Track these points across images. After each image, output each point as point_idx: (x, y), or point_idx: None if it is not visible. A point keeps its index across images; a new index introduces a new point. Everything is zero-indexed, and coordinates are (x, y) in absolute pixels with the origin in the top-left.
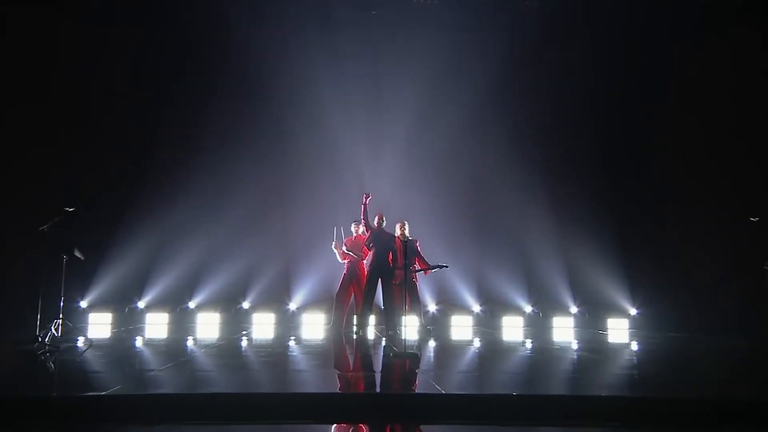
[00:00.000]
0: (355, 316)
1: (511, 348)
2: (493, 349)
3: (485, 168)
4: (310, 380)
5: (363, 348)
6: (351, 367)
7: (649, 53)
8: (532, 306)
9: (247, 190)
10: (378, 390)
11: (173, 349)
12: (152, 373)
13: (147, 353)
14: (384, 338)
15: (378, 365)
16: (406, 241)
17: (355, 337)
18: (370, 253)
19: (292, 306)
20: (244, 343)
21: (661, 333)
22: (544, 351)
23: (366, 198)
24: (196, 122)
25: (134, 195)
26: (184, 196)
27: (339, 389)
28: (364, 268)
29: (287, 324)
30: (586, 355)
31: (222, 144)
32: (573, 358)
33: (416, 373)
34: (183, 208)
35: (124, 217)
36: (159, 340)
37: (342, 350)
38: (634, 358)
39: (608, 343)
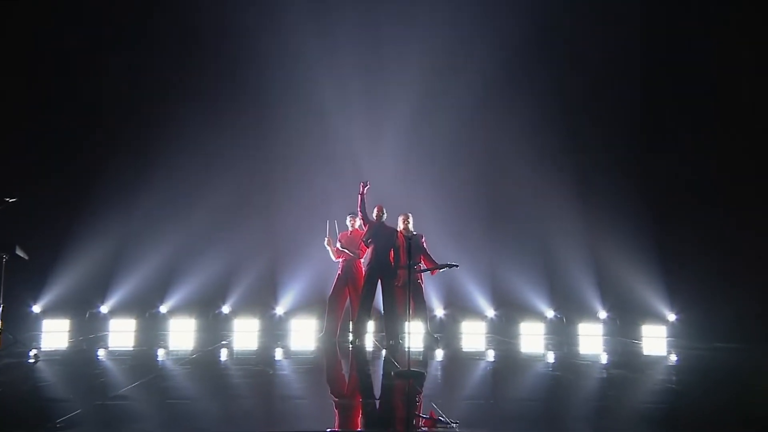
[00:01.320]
0: (350, 323)
1: (530, 362)
2: (509, 364)
3: (501, 153)
4: (297, 411)
5: (360, 362)
6: (345, 390)
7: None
8: (554, 311)
9: (226, 178)
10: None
11: (140, 364)
12: (111, 398)
13: (108, 369)
14: (384, 349)
15: (377, 387)
16: (409, 237)
17: (350, 347)
18: (369, 251)
19: (279, 311)
20: (224, 355)
21: (705, 343)
22: (569, 367)
23: (363, 187)
24: (165, 100)
25: (94, 184)
26: (152, 185)
27: (329, 430)
28: (361, 268)
29: (273, 331)
30: (619, 373)
31: (196, 124)
32: (603, 377)
33: (420, 400)
34: (152, 199)
35: (83, 210)
36: (124, 352)
37: (335, 366)
38: (678, 376)
39: (644, 355)
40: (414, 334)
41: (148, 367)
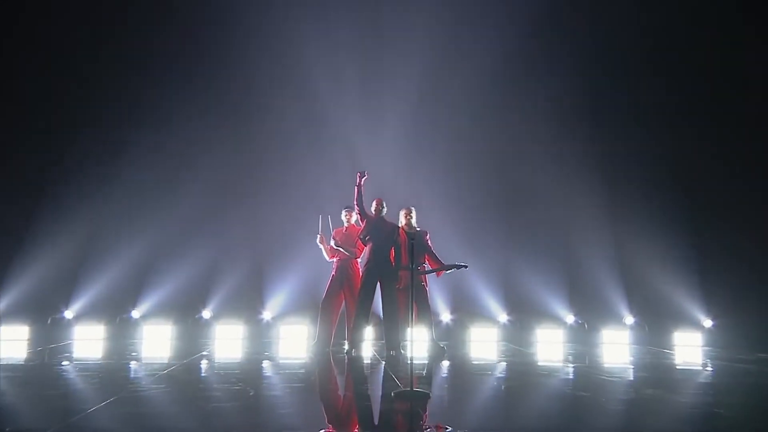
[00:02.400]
0: (346, 330)
1: (549, 378)
2: (525, 381)
3: (516, 139)
4: None
5: (356, 377)
6: (335, 418)
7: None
8: (574, 316)
9: (206, 166)
10: None
11: (109, 378)
12: (74, 419)
13: (72, 384)
14: (383, 360)
15: (375, 412)
16: (412, 234)
17: (346, 358)
18: (366, 249)
19: (266, 316)
20: (202, 369)
21: (748, 353)
22: (594, 385)
23: (361, 177)
24: (137, 83)
25: (54, 175)
26: (121, 174)
27: None
28: (358, 269)
29: (260, 339)
30: (654, 394)
31: (171, 107)
32: (636, 398)
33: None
34: (121, 190)
35: (44, 203)
36: (91, 364)
37: (328, 382)
38: (724, 398)
39: (679, 369)
40: (417, 343)
41: (114, 384)
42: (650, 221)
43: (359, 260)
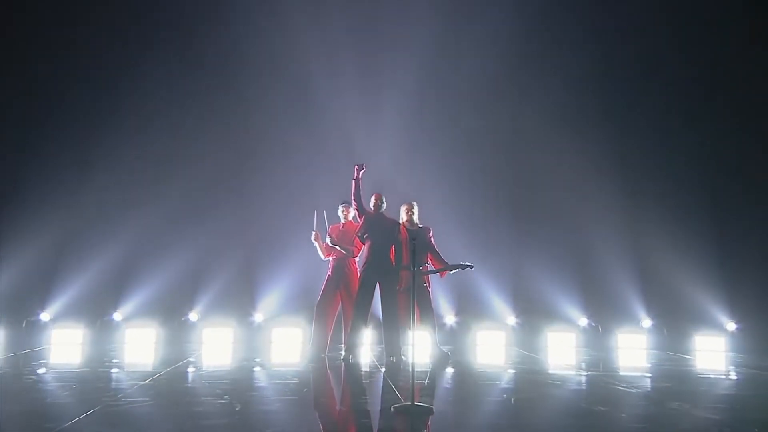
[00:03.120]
0: (343, 335)
1: (561, 388)
2: (536, 391)
3: (527, 128)
4: None
5: (353, 389)
6: None
7: None
8: (587, 318)
9: (193, 158)
10: None
11: (85, 389)
12: None
13: (43, 396)
14: (383, 368)
15: (374, 430)
16: (414, 231)
17: (343, 364)
18: (365, 247)
19: (258, 318)
20: (190, 376)
21: None
22: (612, 397)
23: (359, 171)
24: (115, 67)
25: (29, 168)
26: (100, 166)
27: None
28: (355, 268)
29: (250, 343)
30: (680, 408)
31: (154, 94)
32: (655, 412)
33: None
34: (101, 184)
35: (18, 198)
36: (67, 372)
37: (323, 395)
38: (748, 413)
39: (704, 378)
40: (419, 347)
41: (89, 396)
42: (670, 215)
43: (357, 259)
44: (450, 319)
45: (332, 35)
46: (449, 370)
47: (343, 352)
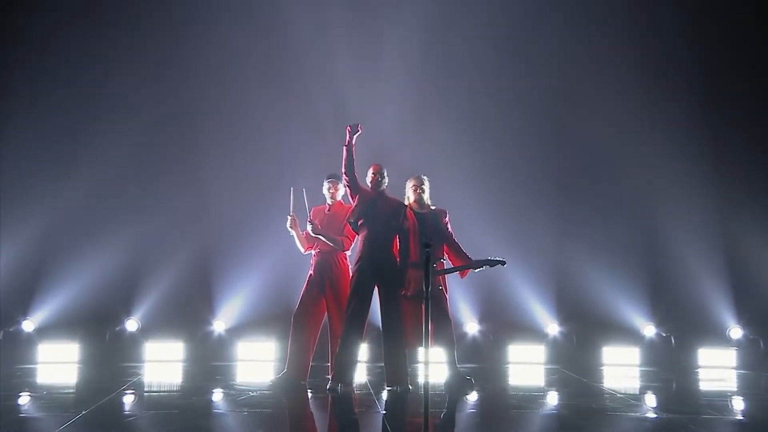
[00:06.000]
0: (330, 355)
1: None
2: None
3: (574, 83)
4: None
5: None
6: None
7: None
8: (656, 327)
9: (133, 124)
10: None
11: None
12: None
13: None
14: (382, 405)
15: None
16: (424, 215)
17: (329, 396)
18: (359, 238)
19: (218, 327)
20: (129, 405)
21: None
22: None
23: (352, 134)
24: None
25: None
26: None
27: None
28: (346, 266)
29: (207, 362)
30: None
31: (86, 42)
32: None
33: None
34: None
35: None
36: None
37: None
38: None
39: None
40: (433, 371)
41: None
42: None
43: (348, 253)
44: (472, 328)
45: None
46: (471, 399)
47: (329, 384)
